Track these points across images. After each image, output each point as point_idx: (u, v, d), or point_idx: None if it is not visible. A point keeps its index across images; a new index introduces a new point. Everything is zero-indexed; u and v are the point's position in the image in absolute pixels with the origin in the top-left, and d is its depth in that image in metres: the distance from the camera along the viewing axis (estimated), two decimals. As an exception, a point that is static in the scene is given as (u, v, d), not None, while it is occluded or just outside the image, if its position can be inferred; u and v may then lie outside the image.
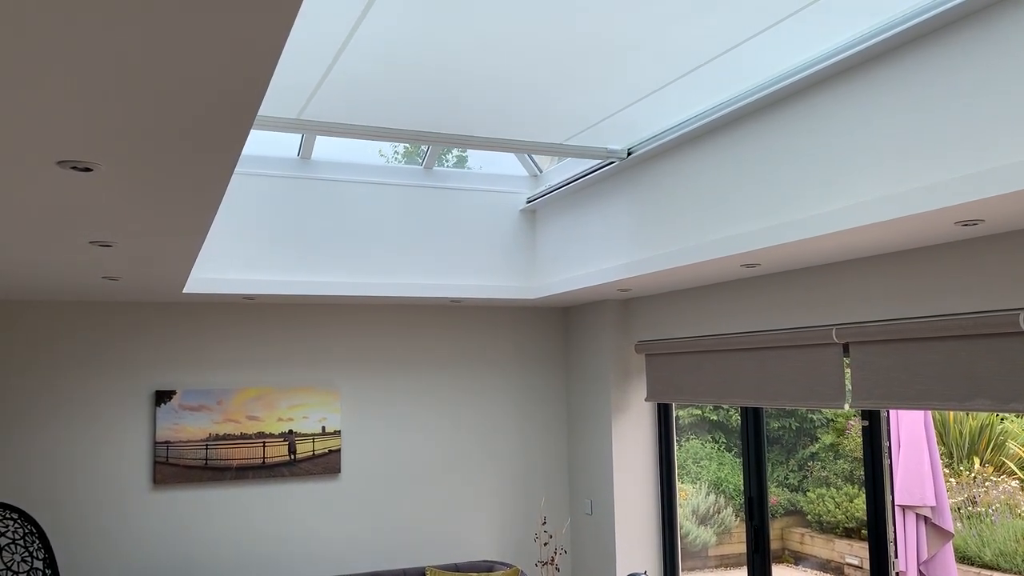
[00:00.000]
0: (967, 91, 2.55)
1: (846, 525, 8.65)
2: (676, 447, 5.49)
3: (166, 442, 4.97)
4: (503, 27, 2.86)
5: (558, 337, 6.01)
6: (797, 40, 2.97)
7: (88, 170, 2.09)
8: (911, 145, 2.74)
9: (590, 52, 3.05)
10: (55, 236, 2.93)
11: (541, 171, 5.27)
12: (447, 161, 5.44)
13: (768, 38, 2.94)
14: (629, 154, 4.27)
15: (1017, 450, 8.38)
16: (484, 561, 5.33)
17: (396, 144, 5.44)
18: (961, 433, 8.52)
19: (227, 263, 4.61)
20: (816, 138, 3.12)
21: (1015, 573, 6.95)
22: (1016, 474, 8.19)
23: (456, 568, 5.23)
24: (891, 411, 5.17)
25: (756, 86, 3.33)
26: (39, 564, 4.45)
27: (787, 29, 2.87)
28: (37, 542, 4.47)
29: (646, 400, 5.33)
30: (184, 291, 4.53)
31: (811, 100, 3.14)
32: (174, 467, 4.98)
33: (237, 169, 4.64)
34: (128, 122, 1.76)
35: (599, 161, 4.44)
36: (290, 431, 5.24)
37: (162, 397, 4.98)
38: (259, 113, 3.66)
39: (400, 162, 5.41)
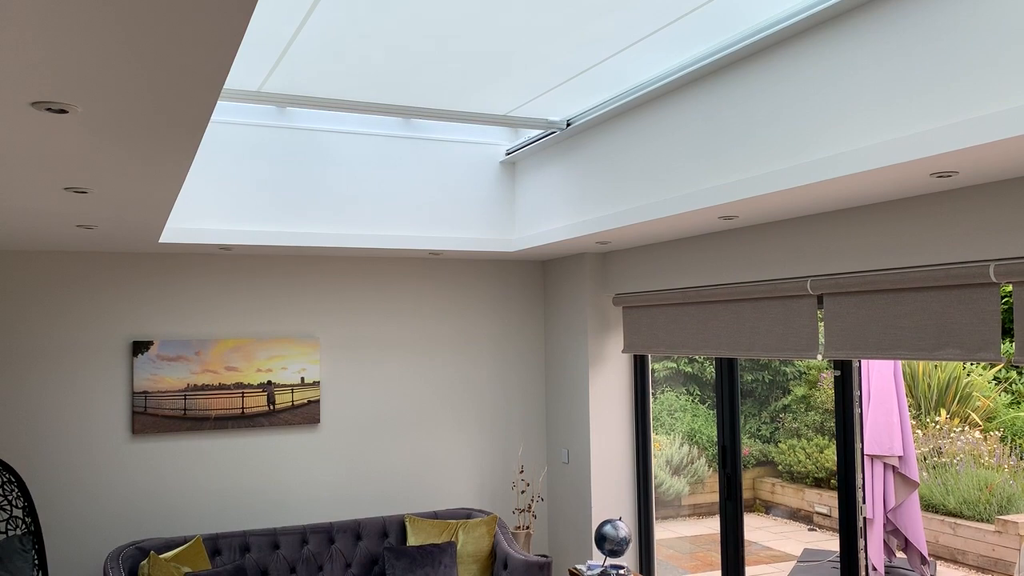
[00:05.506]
0: (943, 42, 2.57)
1: (816, 475, 8.86)
2: (651, 399, 5.57)
3: (144, 392, 4.96)
4: (452, 2, 2.84)
5: (537, 289, 6.04)
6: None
7: (63, 112, 2.06)
8: (887, 96, 2.75)
9: (555, 10, 3.02)
10: (29, 182, 2.89)
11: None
12: (426, 112, 5.37)
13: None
14: (568, 125, 4.48)
15: (983, 402, 8.59)
16: (463, 509, 5.42)
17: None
18: (929, 386, 8.71)
19: (204, 213, 4.57)
20: (794, 90, 3.13)
21: (977, 520, 7.18)
22: (980, 426, 8.41)
23: (435, 516, 5.31)
24: (862, 363, 5.27)
25: (737, 37, 3.32)
26: (19, 512, 4.46)
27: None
28: (16, 491, 4.47)
29: (623, 352, 5.39)
30: (160, 240, 4.49)
31: (788, 52, 3.14)
32: (152, 417, 4.99)
33: (215, 117, 4.57)
34: (105, 61, 1.73)
35: (575, 113, 4.43)
36: (269, 382, 5.25)
37: (139, 347, 4.97)
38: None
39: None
